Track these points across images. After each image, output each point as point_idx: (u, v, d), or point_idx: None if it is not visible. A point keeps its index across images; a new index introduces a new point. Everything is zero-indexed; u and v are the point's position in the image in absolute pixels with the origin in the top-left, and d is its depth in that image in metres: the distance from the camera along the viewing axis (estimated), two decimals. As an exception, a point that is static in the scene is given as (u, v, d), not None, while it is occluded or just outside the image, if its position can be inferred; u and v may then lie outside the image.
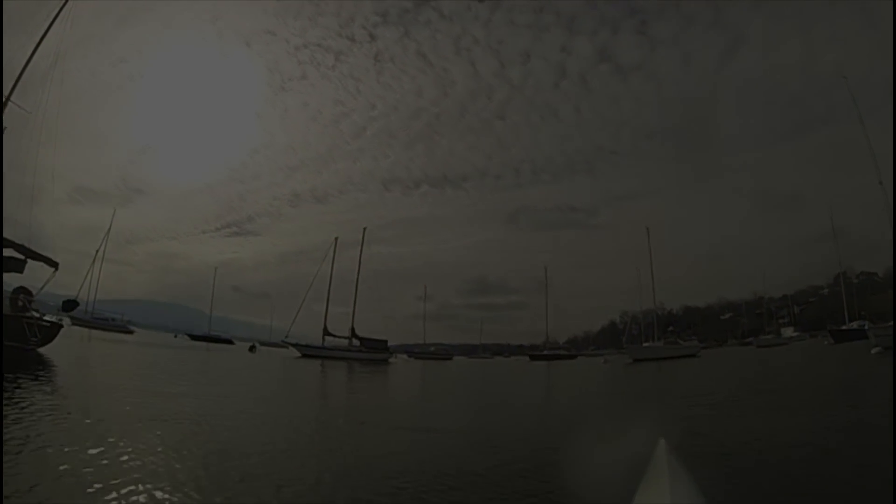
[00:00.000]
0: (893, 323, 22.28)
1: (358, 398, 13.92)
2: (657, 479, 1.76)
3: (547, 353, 63.74)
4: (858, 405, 8.45)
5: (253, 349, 49.50)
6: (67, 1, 18.31)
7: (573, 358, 62.92)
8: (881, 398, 8.22)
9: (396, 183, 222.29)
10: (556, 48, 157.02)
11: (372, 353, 42.76)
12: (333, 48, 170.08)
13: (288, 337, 43.69)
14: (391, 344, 46.94)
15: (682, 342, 47.38)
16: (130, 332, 56.13)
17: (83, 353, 20.62)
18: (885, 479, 3.79)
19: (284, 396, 12.82)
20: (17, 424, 5.17)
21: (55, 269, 16.75)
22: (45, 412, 6.06)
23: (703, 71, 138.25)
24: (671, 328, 69.61)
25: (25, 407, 6.20)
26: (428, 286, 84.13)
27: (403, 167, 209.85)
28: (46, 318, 16.41)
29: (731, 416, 8.58)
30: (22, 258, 15.81)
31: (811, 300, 74.55)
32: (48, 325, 16.10)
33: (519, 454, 5.63)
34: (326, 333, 44.47)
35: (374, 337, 44.95)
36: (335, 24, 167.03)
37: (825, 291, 68.40)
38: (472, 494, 4.07)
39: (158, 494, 3.45)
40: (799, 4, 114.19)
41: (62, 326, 17.21)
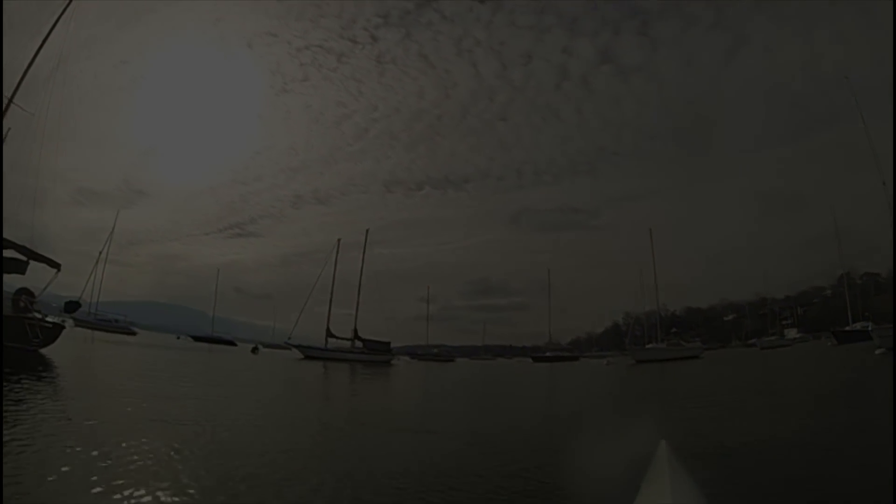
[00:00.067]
0: (893, 324, 22.17)
1: (360, 400, 13.90)
2: (659, 479, 1.74)
3: (549, 354, 63.62)
4: (860, 406, 8.43)
5: (256, 351, 49.50)
6: (70, 2, 18.41)
7: (576, 359, 62.82)
8: (883, 399, 8.18)
9: (398, 184, 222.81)
10: (557, 49, 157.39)
11: (374, 354, 42.72)
12: (335, 50, 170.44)
13: (290, 338, 43.55)
14: (393, 346, 46.89)
15: (684, 344, 47.16)
16: (133, 333, 56.24)
17: (85, 354, 20.65)
18: (885, 479, 3.78)
19: (287, 398, 12.80)
20: (16, 425, 5.16)
21: (57, 270, 16.78)
22: (45, 413, 6.07)
23: (704, 72, 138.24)
24: (674, 329, 69.21)
25: (25, 407, 6.19)
26: (430, 288, 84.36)
27: (405, 168, 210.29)
28: (49, 319, 16.44)
29: (732, 416, 8.55)
30: (24, 259, 15.84)
31: (814, 301, 74.22)
32: (50, 325, 16.14)
33: (521, 455, 5.62)
34: (329, 335, 44.52)
35: (376, 339, 44.88)
36: (337, 25, 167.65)
37: (828, 292, 68.07)
38: (473, 495, 4.05)
39: (160, 495, 3.44)
40: (800, 5, 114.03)
41: (64, 327, 17.24)
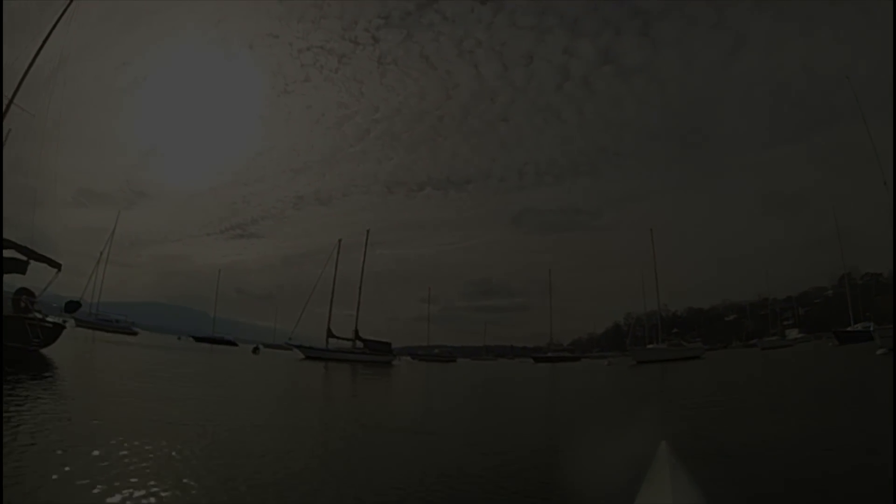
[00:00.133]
0: (893, 324, 22.14)
1: (361, 400, 13.87)
2: (659, 479, 1.73)
3: (551, 355, 63.67)
4: (860, 406, 8.41)
5: (256, 351, 49.55)
6: (71, 2, 18.40)
7: (577, 360, 62.85)
8: (883, 399, 8.15)
9: (400, 185, 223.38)
10: (558, 50, 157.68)
11: (375, 355, 42.70)
12: (336, 51, 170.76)
13: (291, 339, 43.60)
14: (395, 346, 46.84)
15: (686, 344, 47.08)
16: (134, 333, 56.35)
17: (85, 354, 20.65)
18: (885, 479, 3.76)
19: (288, 398, 12.77)
20: (16, 425, 5.15)
21: (58, 270, 16.78)
22: (45, 413, 6.05)
23: (706, 72, 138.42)
24: (675, 330, 69.25)
25: (26, 407, 6.18)
26: (431, 288, 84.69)
27: (407, 169, 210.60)
28: (49, 319, 16.45)
29: (732, 417, 8.52)
30: (24, 259, 15.84)
31: (816, 301, 74.26)
32: (51, 325, 16.16)
33: (521, 455, 5.61)
34: (330, 335, 44.48)
35: (377, 339, 44.87)
36: (338, 26, 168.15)
37: (830, 293, 68.07)
38: (473, 495, 4.03)
39: (161, 496, 3.43)
40: (802, 5, 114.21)
41: (64, 328, 17.26)
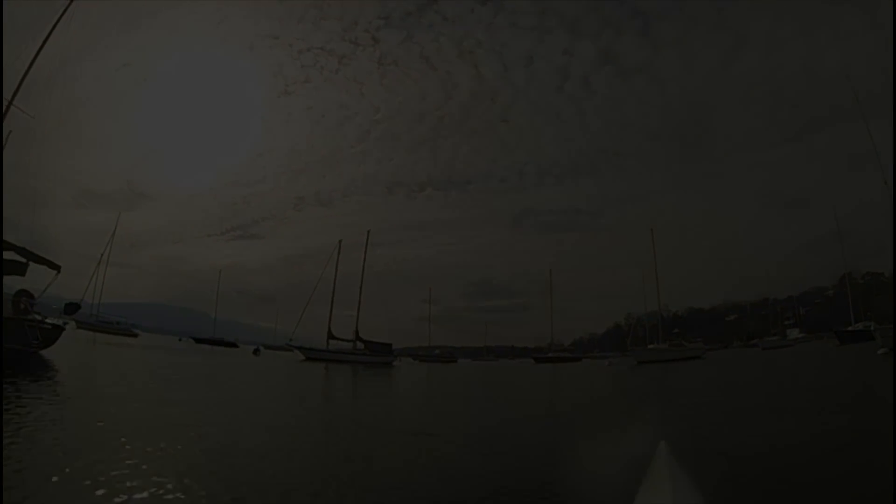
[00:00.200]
0: (894, 323, 22.15)
1: (361, 401, 13.86)
2: (659, 479, 1.71)
3: (552, 355, 63.77)
4: (861, 406, 8.38)
5: (257, 352, 49.56)
6: (71, 3, 18.39)
7: (578, 360, 62.92)
8: (884, 399, 8.14)
9: (400, 186, 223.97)
10: (559, 50, 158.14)
11: (376, 356, 42.70)
12: (337, 52, 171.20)
13: (292, 340, 43.61)
14: (395, 347, 46.79)
15: (686, 344, 47.13)
16: (135, 335, 56.43)
17: (85, 355, 20.63)
18: (885, 479, 3.73)
19: (288, 400, 12.76)
20: (16, 427, 5.12)
21: (57, 272, 16.77)
22: (45, 414, 6.02)
23: (706, 72, 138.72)
24: (676, 330, 69.29)
25: (26, 409, 6.15)
26: (432, 289, 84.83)
27: (407, 170, 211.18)
28: (48, 320, 16.44)
29: (732, 417, 8.50)
30: (23, 261, 15.84)
31: (817, 301, 74.32)
32: (50, 327, 16.15)
33: (522, 455, 5.61)
34: (331, 336, 44.56)
35: (378, 340, 44.86)
36: (338, 27, 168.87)
37: (830, 292, 68.13)
38: (474, 495, 4.01)
39: (163, 497, 3.40)
40: (802, 5, 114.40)
41: (64, 329, 17.24)
